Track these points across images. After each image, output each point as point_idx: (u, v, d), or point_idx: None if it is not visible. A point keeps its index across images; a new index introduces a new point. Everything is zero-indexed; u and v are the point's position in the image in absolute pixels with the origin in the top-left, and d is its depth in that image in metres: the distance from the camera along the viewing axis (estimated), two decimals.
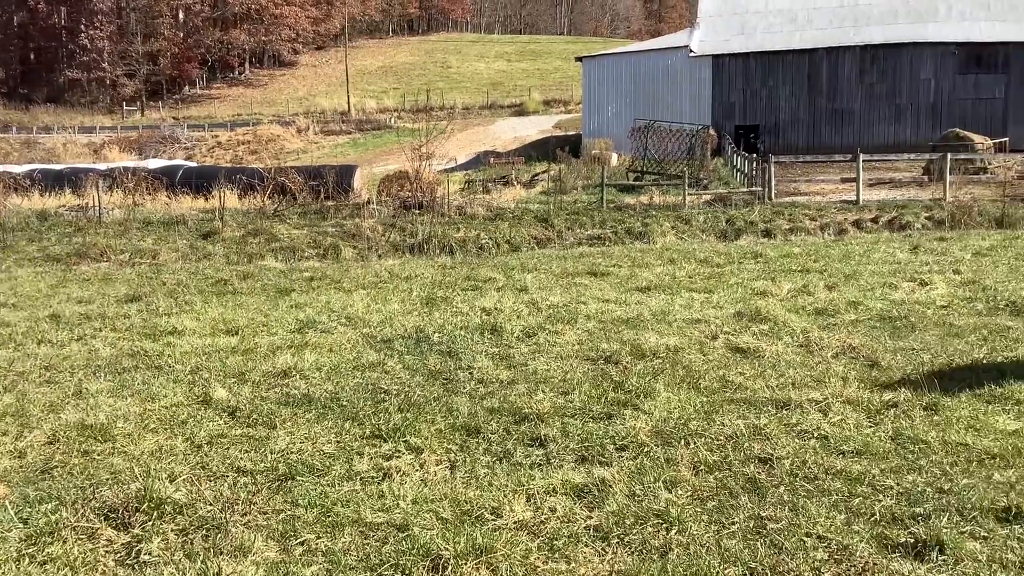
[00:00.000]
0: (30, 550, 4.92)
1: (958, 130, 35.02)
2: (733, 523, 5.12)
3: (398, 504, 5.50)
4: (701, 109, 46.41)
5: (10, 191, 28.92)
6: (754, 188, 27.05)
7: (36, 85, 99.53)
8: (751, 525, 5.09)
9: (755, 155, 32.11)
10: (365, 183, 32.02)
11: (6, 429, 7.17)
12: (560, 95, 79.54)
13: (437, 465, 6.18)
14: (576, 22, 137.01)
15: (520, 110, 76.17)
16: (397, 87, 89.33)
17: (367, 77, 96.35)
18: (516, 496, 5.50)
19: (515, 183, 35.73)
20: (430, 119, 43.49)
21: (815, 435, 6.49)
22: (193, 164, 45.14)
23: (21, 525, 5.24)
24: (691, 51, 47.24)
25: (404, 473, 6.03)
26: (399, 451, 6.43)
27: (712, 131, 41.44)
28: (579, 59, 55.35)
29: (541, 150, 52.80)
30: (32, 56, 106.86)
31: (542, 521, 5.20)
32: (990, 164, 28.65)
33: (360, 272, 16.48)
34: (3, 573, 4.66)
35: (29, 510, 5.43)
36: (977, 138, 33.41)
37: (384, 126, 74.48)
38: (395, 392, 7.88)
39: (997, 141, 35.77)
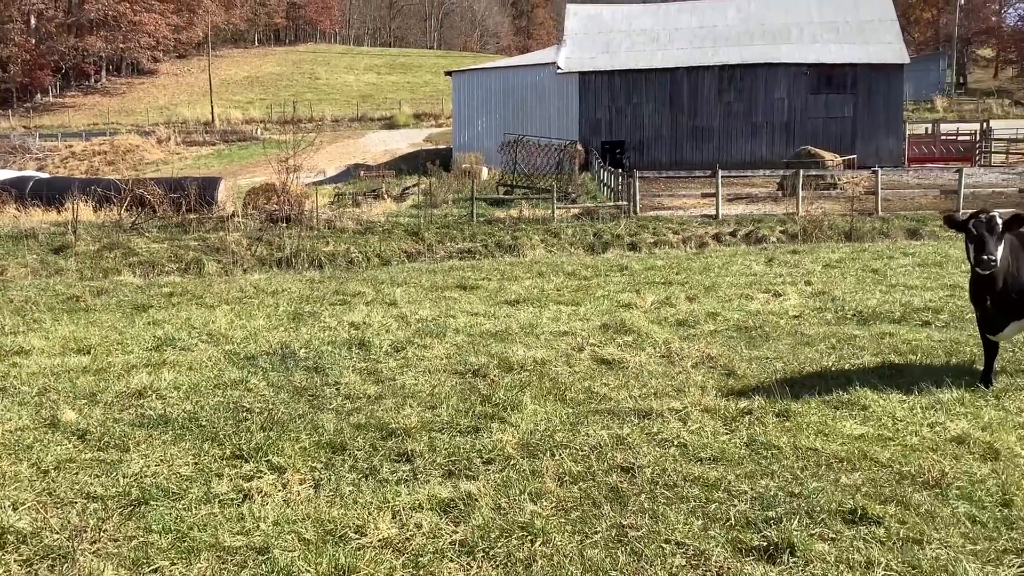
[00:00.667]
0: None
1: (810, 147, 36.77)
2: (596, 532, 5.20)
3: (259, 526, 5.36)
4: (569, 125, 47.24)
5: None
6: (620, 202, 27.68)
7: None
8: (613, 534, 5.18)
9: (621, 170, 32.88)
10: (230, 196, 31.16)
11: None
12: (431, 109, 79.54)
13: (301, 484, 6.05)
14: (446, 36, 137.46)
15: (391, 123, 75.76)
16: (264, 98, 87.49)
17: (232, 87, 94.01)
18: (381, 513, 5.44)
19: (385, 196, 35.48)
20: (298, 131, 42.79)
21: (675, 443, 6.66)
22: (45, 175, 42.92)
23: None
24: (558, 68, 48.06)
25: (266, 494, 5.88)
26: (261, 471, 6.27)
27: (580, 146, 42.27)
28: (449, 73, 55.52)
29: (412, 164, 52.65)
30: None
31: (407, 538, 5.16)
32: (840, 180, 30.19)
33: (224, 287, 16.03)
34: None
35: None
36: (827, 155, 35.15)
37: (250, 137, 72.72)
38: (258, 410, 7.69)
39: (846, 158, 37.73)
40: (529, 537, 5.13)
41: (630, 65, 47.46)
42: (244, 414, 7.63)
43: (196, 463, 6.48)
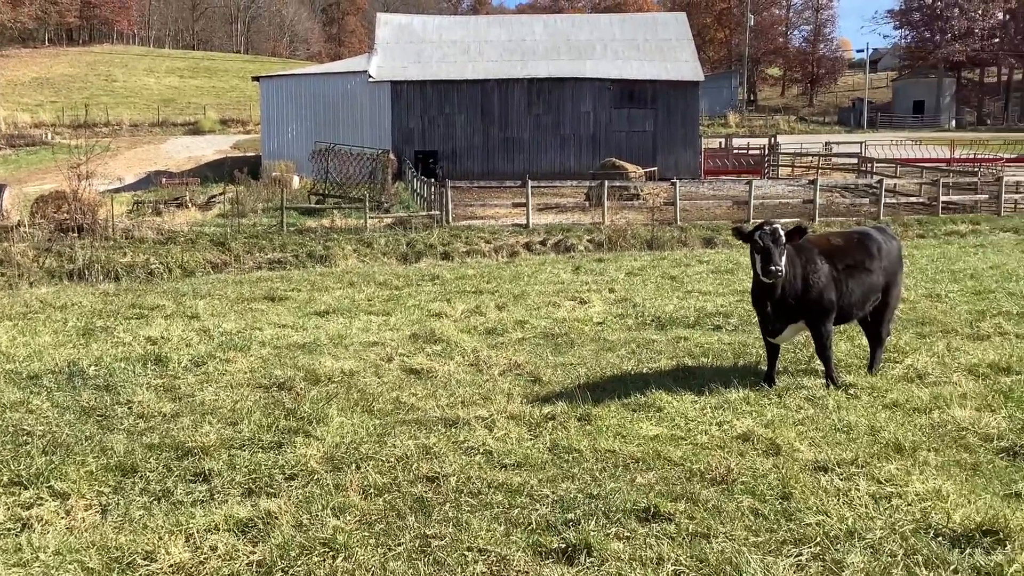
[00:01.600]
0: None
1: (614, 159, 38.11)
2: (399, 544, 5.17)
3: (38, 556, 5.01)
4: (382, 134, 46.96)
5: None
6: (433, 212, 27.75)
7: None
8: (416, 544, 5.17)
9: (434, 180, 32.98)
10: (16, 204, 29.01)
11: None
12: (238, 115, 77.08)
13: (86, 510, 5.71)
14: (254, 41, 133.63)
15: (195, 129, 72.84)
16: (55, 100, 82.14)
17: (20, 88, 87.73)
18: (173, 537, 5.20)
19: (190, 205, 34.01)
20: (93, 135, 40.42)
21: (480, 450, 6.73)
22: None
23: None
24: (370, 76, 47.71)
25: (47, 522, 5.51)
26: (42, 498, 5.87)
27: (393, 156, 42.04)
28: (257, 79, 53.99)
29: (218, 171, 50.76)
30: None
31: (201, 562, 4.96)
32: (642, 191, 31.43)
33: (6, 302, 14.93)
34: None
35: None
36: (631, 167, 36.53)
37: (40, 142, 68.04)
38: (40, 433, 7.20)
39: (648, 170, 39.33)
40: (331, 553, 5.04)
41: (442, 76, 47.74)
42: (24, 437, 7.12)
43: None
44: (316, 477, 6.22)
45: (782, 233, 8.00)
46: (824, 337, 8.33)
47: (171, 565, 4.89)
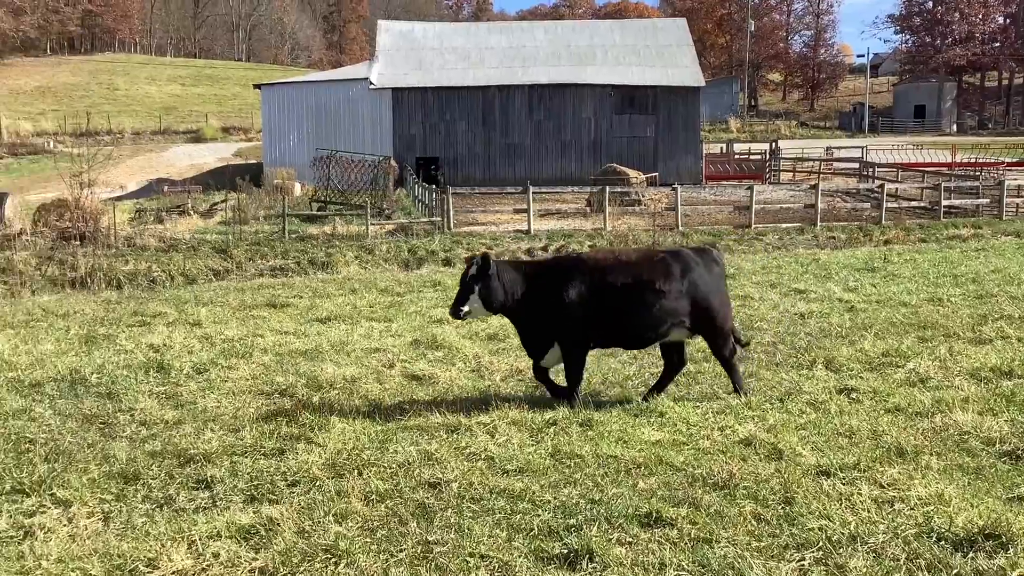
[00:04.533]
0: None
1: (615, 165, 38.17)
2: (401, 550, 5.17)
3: (40, 564, 5.02)
4: (383, 140, 47.04)
5: None
6: (435, 218, 27.78)
7: None
8: (419, 551, 5.16)
9: (435, 186, 33.01)
10: (18, 212, 29.06)
11: None
12: (240, 122, 77.21)
13: (88, 518, 5.71)
14: (255, 49, 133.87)
15: (197, 136, 72.95)
16: (57, 109, 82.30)
17: (22, 97, 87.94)
18: (176, 544, 5.20)
19: (191, 213, 34.05)
20: (95, 144, 40.49)
21: (482, 456, 6.72)
22: None
23: None
24: (371, 83, 47.80)
25: (49, 530, 5.52)
26: (44, 506, 5.87)
27: (394, 162, 42.12)
28: (258, 86, 54.10)
29: (220, 179, 50.84)
30: None
31: (203, 568, 4.96)
32: (643, 197, 31.46)
33: (8, 310, 14.95)
34: None
35: None
36: (632, 173, 36.57)
37: (42, 151, 68.14)
38: (42, 441, 7.20)
39: (649, 176, 39.37)
40: (333, 559, 5.04)
41: (443, 82, 47.81)
42: (27, 445, 7.13)
43: None
44: (318, 484, 6.22)
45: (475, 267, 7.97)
46: (569, 357, 8.15)
47: (174, 572, 4.90)
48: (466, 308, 7.96)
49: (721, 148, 55.01)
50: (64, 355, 10.85)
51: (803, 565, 4.93)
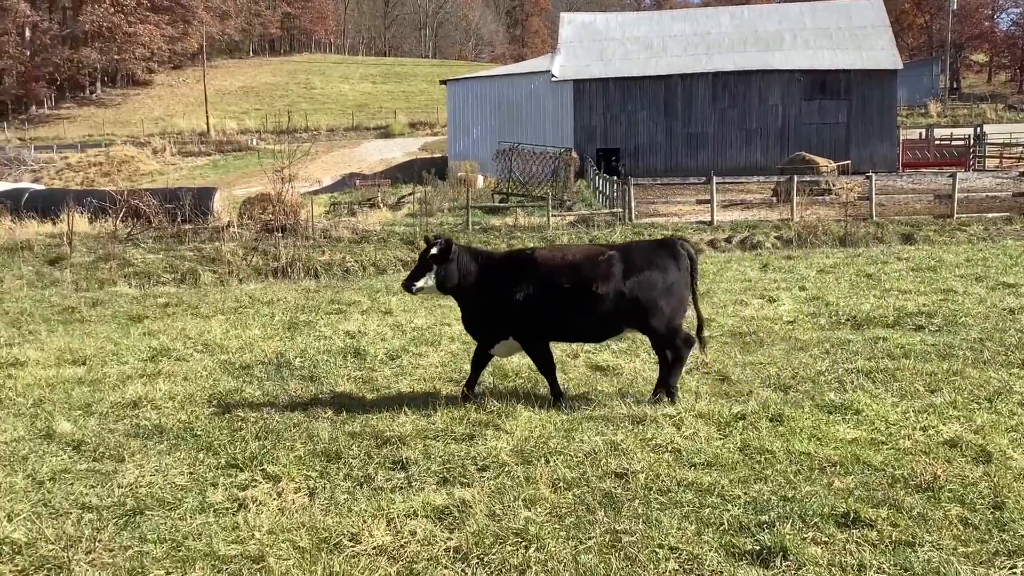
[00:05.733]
0: None
1: (804, 153, 36.82)
2: (590, 538, 5.22)
3: (253, 535, 5.37)
4: (564, 132, 47.34)
5: None
6: (615, 209, 27.73)
7: None
8: (607, 539, 5.19)
9: (616, 177, 32.94)
10: (226, 206, 31.14)
11: None
12: (426, 118, 79.64)
13: (295, 493, 6.06)
14: (440, 46, 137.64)
15: (386, 132, 75.85)
16: (259, 108, 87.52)
17: (227, 97, 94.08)
18: (376, 521, 5.45)
19: (381, 205, 35.47)
20: (294, 140, 42.82)
21: (669, 448, 6.68)
22: (40, 187, 42.89)
23: None
24: (553, 76, 48.17)
25: (260, 503, 5.89)
26: (256, 480, 6.28)
27: (575, 154, 42.33)
28: (444, 82, 55.62)
29: (407, 172, 52.68)
30: None
31: (402, 545, 5.18)
32: (834, 186, 30.21)
33: (219, 297, 16.05)
34: None
35: None
36: (822, 161, 35.19)
37: (246, 148, 72.75)
38: (253, 420, 7.70)
39: (840, 164, 37.78)
40: (523, 543, 5.14)
41: (624, 73, 47.58)
42: (239, 423, 7.64)
43: (191, 473, 6.49)
44: (507, 469, 6.36)
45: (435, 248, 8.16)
46: (532, 353, 8.29)
47: (375, 547, 5.14)
48: (419, 284, 8.20)
49: (920, 134, 52.01)
50: (270, 340, 11.55)
51: (1015, 573, 4.64)
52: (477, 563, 4.95)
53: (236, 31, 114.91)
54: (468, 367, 9.58)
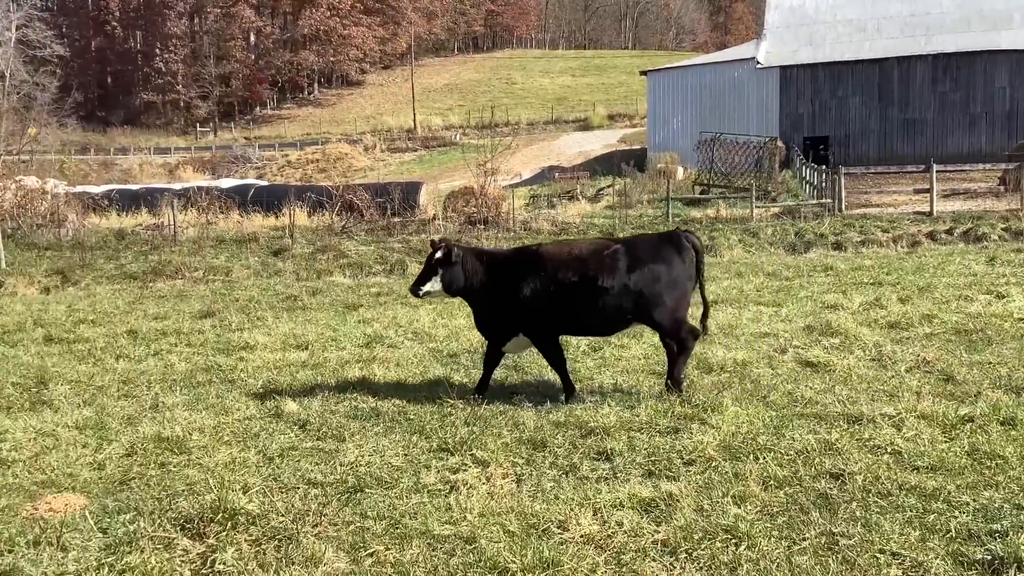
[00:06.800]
0: (109, 559, 5.06)
1: None
2: (804, 539, 5.04)
3: (465, 517, 5.53)
4: (768, 121, 45.90)
5: (88, 211, 29.90)
6: (824, 200, 26.64)
7: (113, 108, 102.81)
8: (823, 541, 5.00)
9: (825, 167, 31.61)
10: (431, 199, 32.31)
11: (86, 441, 7.40)
12: (625, 109, 79.39)
13: (503, 478, 6.20)
14: (640, 36, 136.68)
15: (585, 125, 76.21)
16: (462, 104, 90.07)
17: (432, 95, 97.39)
18: (582, 510, 5.49)
19: (580, 198, 35.70)
20: (495, 135, 43.74)
21: (888, 450, 6.35)
22: (264, 183, 46.03)
23: (100, 535, 5.40)
24: (758, 63, 46.79)
25: (471, 486, 6.06)
26: (466, 464, 6.47)
27: (780, 143, 40.95)
28: (644, 73, 55.24)
29: (606, 165, 52.73)
30: (109, 79, 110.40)
31: (609, 535, 5.19)
32: None
33: None
34: None
35: (108, 520, 5.60)
36: None
37: (449, 143, 75.15)
38: (460, 405, 7.93)
39: None
40: (733, 540, 5.03)
41: (835, 57, 45.57)
42: (449, 409, 7.89)
43: (405, 454, 6.77)
44: (714, 464, 6.25)
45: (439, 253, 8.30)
46: (541, 347, 8.42)
47: (582, 536, 5.18)
48: (426, 288, 8.35)
49: None
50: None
51: None
52: (686, 558, 4.89)
53: (442, 30, 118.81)
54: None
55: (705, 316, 8.50)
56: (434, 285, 8.38)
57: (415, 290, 8.49)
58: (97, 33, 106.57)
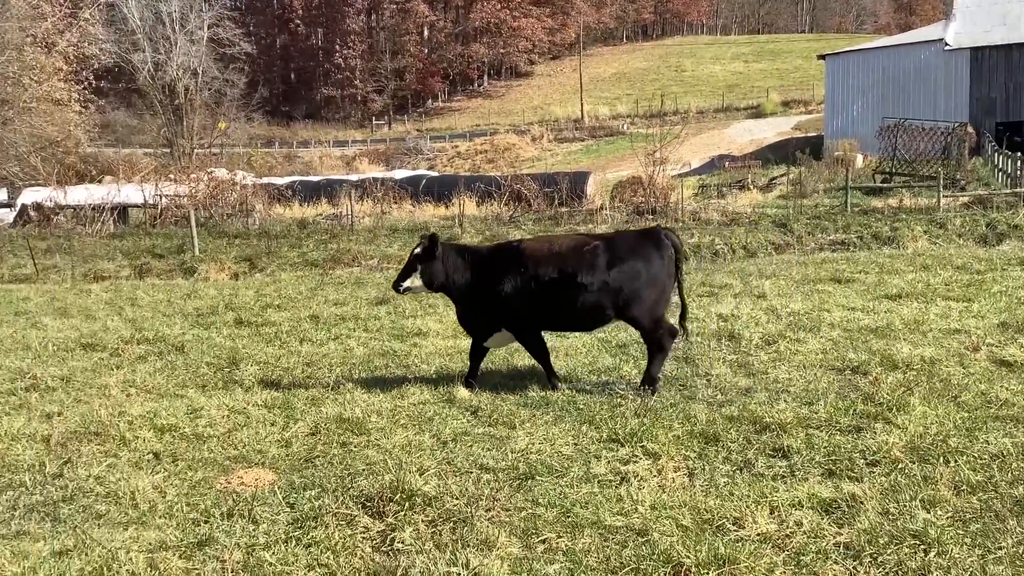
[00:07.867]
0: (296, 533, 5.32)
1: None
2: (1000, 548, 4.73)
3: (636, 509, 5.49)
4: (957, 106, 43.29)
5: (274, 201, 31.53)
6: (1019, 190, 24.90)
7: (296, 102, 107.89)
8: (1021, 551, 4.68)
9: (1020, 154, 29.52)
10: (598, 189, 32.24)
11: (274, 420, 7.80)
12: (800, 95, 76.70)
13: (675, 472, 6.12)
14: (818, 19, 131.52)
15: (757, 112, 74.17)
16: (630, 93, 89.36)
17: (600, 84, 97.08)
18: (759, 507, 5.34)
19: (751, 187, 34.78)
20: (663, 124, 43.21)
21: None
22: (435, 174, 47.28)
23: (288, 509, 5.68)
24: (946, 44, 44.17)
25: (642, 478, 6.01)
26: (636, 456, 6.42)
27: (971, 129, 38.54)
28: (821, 57, 53.20)
29: (779, 153, 51.15)
30: (292, 75, 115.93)
31: (787, 535, 5.03)
32: None
33: None
34: (272, 554, 5.05)
35: (295, 496, 5.88)
36: None
37: (617, 132, 74.80)
38: (631, 397, 7.88)
39: None
40: (922, 546, 4.78)
41: None
42: (618, 400, 7.85)
43: (575, 444, 6.78)
44: (900, 466, 5.95)
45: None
46: (525, 342, 8.58)
47: (758, 534, 5.04)
48: (406, 284, 8.40)
49: None
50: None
51: None
52: (870, 562, 4.68)
53: (611, 19, 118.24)
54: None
55: (683, 316, 8.53)
56: (415, 281, 8.48)
57: (396, 286, 8.59)
58: (282, 31, 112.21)
